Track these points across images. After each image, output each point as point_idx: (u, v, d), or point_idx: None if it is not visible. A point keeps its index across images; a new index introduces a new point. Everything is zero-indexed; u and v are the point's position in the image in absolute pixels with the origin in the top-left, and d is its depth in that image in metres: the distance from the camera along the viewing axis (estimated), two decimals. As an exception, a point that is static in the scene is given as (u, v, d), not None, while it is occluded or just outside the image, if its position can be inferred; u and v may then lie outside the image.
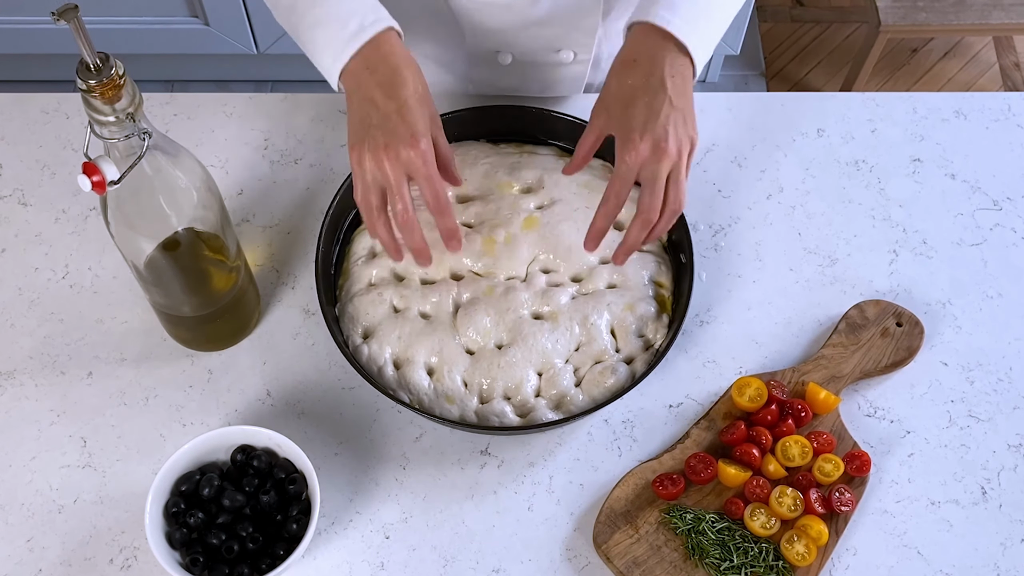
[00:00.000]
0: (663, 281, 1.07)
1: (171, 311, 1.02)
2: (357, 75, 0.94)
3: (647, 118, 0.93)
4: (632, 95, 0.94)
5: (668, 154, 0.92)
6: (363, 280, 1.07)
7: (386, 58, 0.94)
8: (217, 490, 0.95)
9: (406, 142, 0.90)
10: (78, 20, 0.77)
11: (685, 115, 0.94)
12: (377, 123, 0.91)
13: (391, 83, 0.92)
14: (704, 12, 0.95)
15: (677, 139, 0.93)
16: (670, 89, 0.93)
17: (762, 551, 0.96)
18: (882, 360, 1.06)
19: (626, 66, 0.95)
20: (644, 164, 0.93)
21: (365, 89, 0.93)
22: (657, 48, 0.94)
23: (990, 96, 1.26)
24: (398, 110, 0.91)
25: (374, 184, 0.92)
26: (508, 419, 1.00)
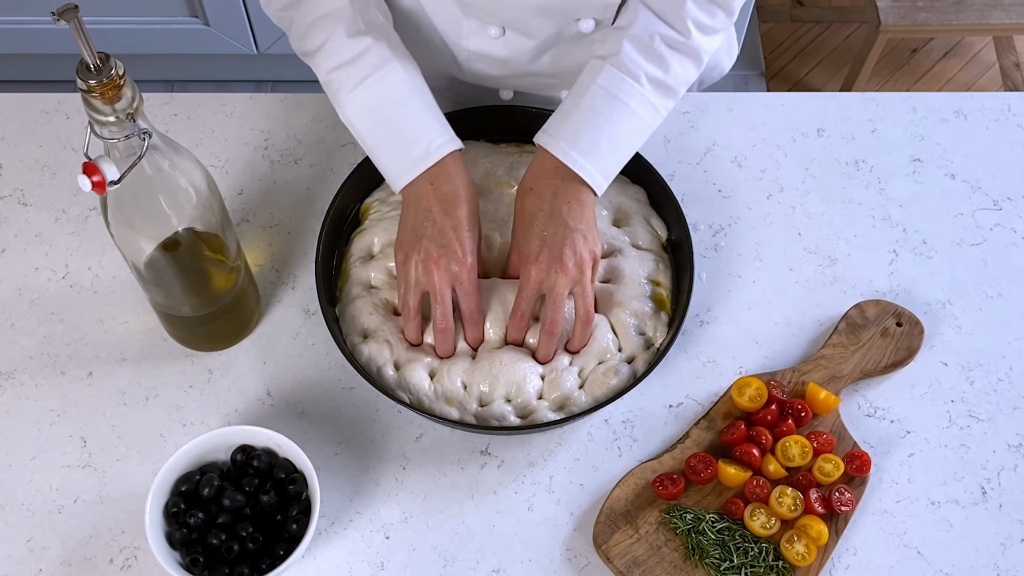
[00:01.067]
0: (661, 280, 1.07)
1: (171, 311, 1.02)
2: (419, 189, 1.00)
3: (543, 240, 0.99)
4: (531, 221, 1.00)
5: (567, 271, 0.98)
6: (362, 280, 1.07)
7: (450, 177, 1.00)
8: (217, 490, 0.95)
9: (457, 259, 0.98)
10: (78, 20, 0.77)
11: (584, 234, 1.00)
12: (431, 235, 0.98)
13: (450, 201, 0.99)
14: (606, 144, 1.00)
15: (576, 256, 0.98)
16: (565, 215, 0.99)
17: (762, 551, 0.96)
18: (882, 360, 1.06)
19: (524, 194, 1.02)
20: (543, 281, 0.99)
21: (425, 201, 0.99)
22: (552, 176, 1.00)
23: (990, 96, 1.26)
24: (454, 228, 0.98)
25: (417, 287, 0.99)
26: (509, 422, 1.00)
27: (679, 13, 0.98)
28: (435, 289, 0.98)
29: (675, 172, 1.19)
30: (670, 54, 1.00)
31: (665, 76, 1.00)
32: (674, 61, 1.00)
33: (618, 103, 0.99)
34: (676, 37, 1.00)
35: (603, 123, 0.99)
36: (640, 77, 0.99)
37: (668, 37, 1.00)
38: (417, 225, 0.99)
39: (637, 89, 0.99)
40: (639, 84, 0.99)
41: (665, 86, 1.01)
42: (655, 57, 1.00)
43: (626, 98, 0.99)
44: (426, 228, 0.99)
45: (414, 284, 0.99)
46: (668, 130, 1.22)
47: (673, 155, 1.20)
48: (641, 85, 0.99)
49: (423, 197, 0.99)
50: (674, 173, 1.19)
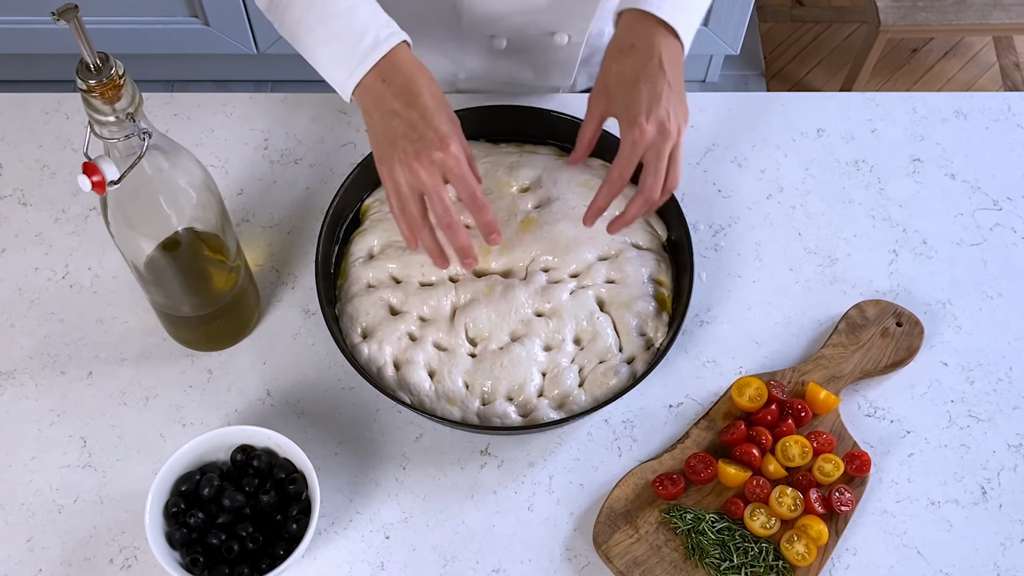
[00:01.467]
0: (663, 279, 1.07)
1: (171, 311, 1.02)
2: (373, 89, 0.95)
3: (650, 101, 0.96)
4: (634, 80, 0.97)
5: (671, 134, 0.96)
6: (361, 281, 1.07)
7: (399, 68, 0.94)
8: (217, 490, 0.95)
9: (436, 146, 0.91)
10: (78, 20, 0.77)
11: (681, 96, 0.98)
12: (402, 133, 0.92)
13: (409, 92, 0.93)
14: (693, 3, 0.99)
15: (677, 119, 0.97)
16: (668, 73, 0.97)
17: (762, 551, 0.96)
18: (882, 360, 1.06)
19: (624, 52, 0.98)
20: (650, 145, 0.96)
21: (384, 102, 0.94)
22: (651, 34, 0.98)
23: (990, 96, 1.26)
24: (422, 116, 0.92)
25: (412, 193, 0.93)
26: (511, 420, 1.00)
27: None
28: (426, 186, 0.92)
29: None
30: None
31: None
32: None
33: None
34: None
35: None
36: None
37: None
38: (386, 130, 0.93)
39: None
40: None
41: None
42: None
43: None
44: (396, 128, 0.93)
45: (408, 191, 0.93)
46: (668, 130, 1.22)
47: (673, 155, 1.20)
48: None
49: (381, 99, 0.94)
50: None
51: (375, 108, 0.95)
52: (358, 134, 1.22)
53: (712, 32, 2.31)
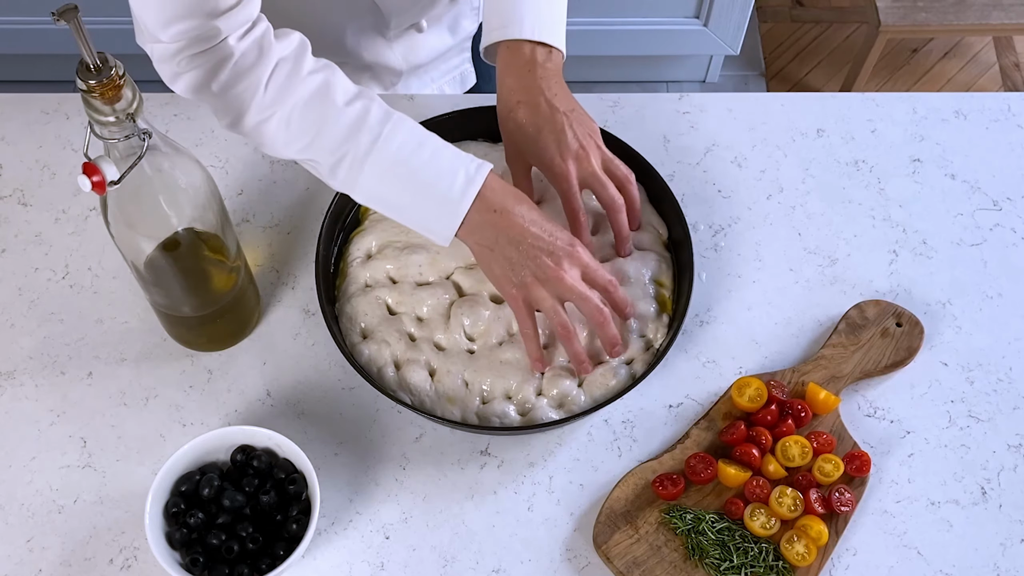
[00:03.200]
0: (664, 280, 1.07)
1: (171, 311, 1.02)
2: (484, 221, 0.94)
3: (557, 142, 1.01)
4: (534, 131, 1.02)
5: (590, 153, 1.02)
6: (359, 281, 1.07)
7: (502, 193, 0.94)
8: (217, 490, 0.95)
9: (568, 252, 0.94)
10: (78, 20, 0.77)
11: (578, 113, 1.03)
12: (534, 251, 0.93)
13: (522, 211, 0.94)
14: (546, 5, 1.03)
15: (587, 138, 1.01)
16: (558, 104, 1.01)
17: (762, 551, 0.96)
18: (882, 360, 1.06)
19: (512, 108, 1.03)
20: (579, 175, 1.01)
21: (505, 229, 0.93)
22: (525, 72, 1.02)
23: (990, 96, 1.26)
24: (542, 229, 0.94)
25: (557, 303, 0.95)
26: (510, 419, 1.00)
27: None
28: (574, 290, 0.94)
29: (675, 172, 1.19)
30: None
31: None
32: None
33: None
34: None
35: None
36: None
37: None
38: (514, 254, 0.94)
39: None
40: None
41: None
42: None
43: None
44: (526, 250, 0.93)
45: (552, 304, 0.95)
46: (668, 130, 1.22)
47: (673, 155, 1.20)
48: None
49: (498, 226, 0.93)
50: (674, 173, 1.19)
51: (495, 238, 0.94)
52: (358, 134, 1.22)
53: (712, 32, 2.31)
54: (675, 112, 1.23)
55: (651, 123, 1.22)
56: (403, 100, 1.24)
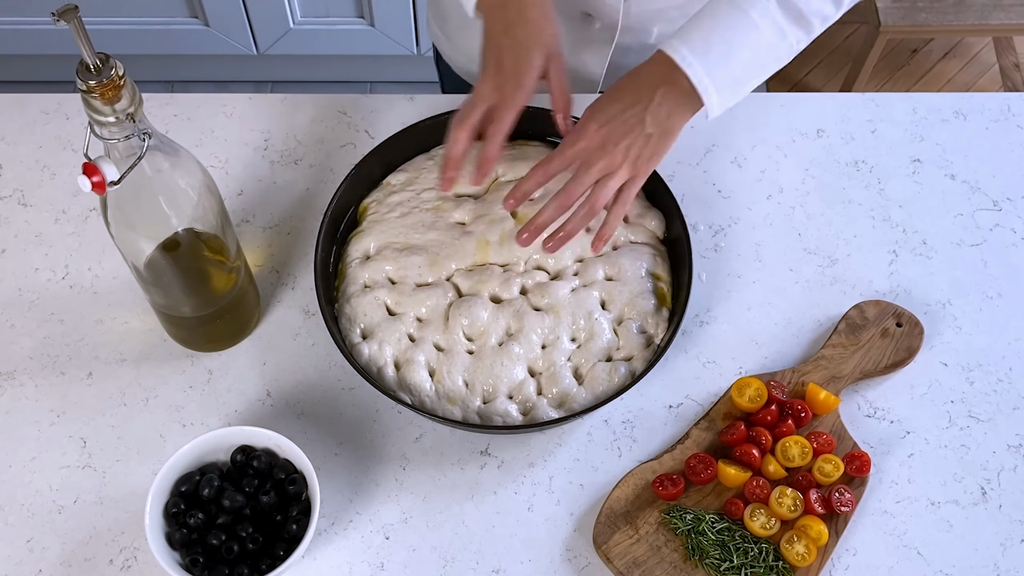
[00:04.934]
0: (661, 273, 1.07)
1: (171, 311, 1.02)
2: (488, 6, 1.00)
3: (614, 117, 0.96)
4: (617, 95, 0.98)
5: (612, 158, 0.96)
6: (358, 281, 1.07)
7: None
8: (217, 490, 0.95)
9: (511, 82, 0.98)
10: (78, 20, 0.77)
11: (653, 142, 0.97)
12: (496, 59, 0.99)
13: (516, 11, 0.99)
14: (719, 47, 0.97)
15: (629, 153, 0.96)
16: (650, 110, 0.97)
17: (762, 551, 0.96)
18: (882, 360, 1.06)
19: (626, 80, 0.99)
20: (586, 151, 0.96)
21: (492, 20, 1.00)
22: (659, 74, 0.98)
23: (990, 96, 1.26)
24: (511, 47, 0.98)
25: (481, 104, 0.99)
26: (512, 418, 1.00)
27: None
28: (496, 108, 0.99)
29: (675, 172, 1.19)
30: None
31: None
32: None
33: (739, 11, 0.97)
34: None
35: (720, 27, 0.97)
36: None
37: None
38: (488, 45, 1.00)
39: (763, 1, 0.97)
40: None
41: (796, 10, 0.98)
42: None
43: (749, 8, 0.97)
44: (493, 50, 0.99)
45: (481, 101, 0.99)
46: (668, 130, 1.22)
47: (673, 155, 1.20)
48: None
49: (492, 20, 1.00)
50: (674, 173, 1.19)
51: (487, 15, 1.00)
52: (358, 135, 1.22)
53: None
54: (675, 112, 1.23)
55: (651, 123, 1.22)
56: (403, 100, 1.24)
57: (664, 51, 0.98)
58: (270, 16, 2.23)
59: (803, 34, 0.99)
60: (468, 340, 1.03)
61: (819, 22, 1.00)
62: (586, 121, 0.97)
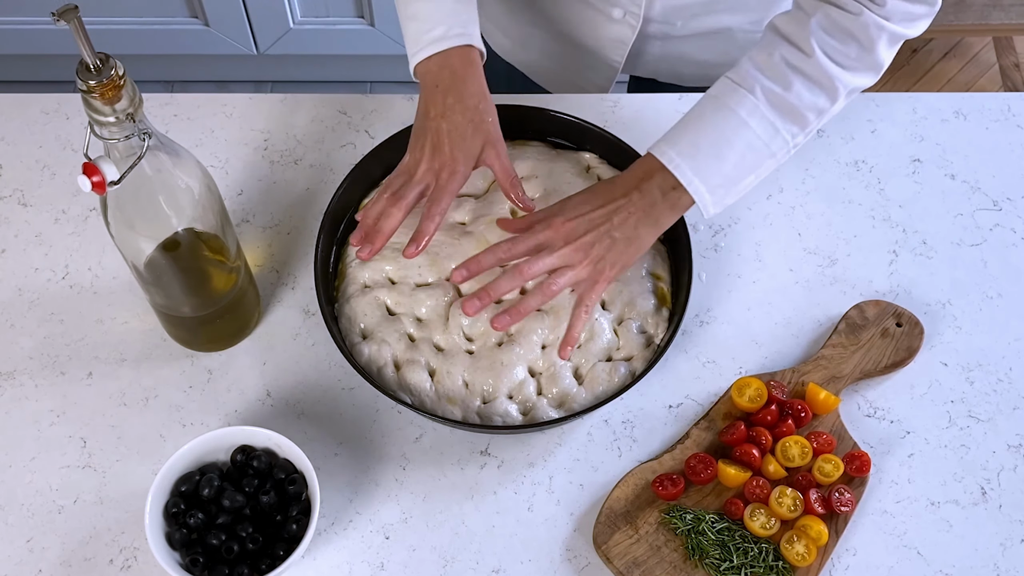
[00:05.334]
0: (661, 273, 1.07)
1: (171, 311, 1.02)
2: (427, 75, 1.02)
3: (581, 215, 0.97)
4: (594, 194, 0.98)
5: (573, 250, 0.96)
6: (358, 281, 1.07)
7: (455, 72, 1.01)
8: (217, 490, 0.95)
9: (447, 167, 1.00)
10: (78, 20, 0.77)
11: (619, 250, 0.97)
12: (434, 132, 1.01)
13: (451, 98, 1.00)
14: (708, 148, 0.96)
15: (590, 251, 0.96)
16: (622, 217, 0.96)
17: (762, 551, 0.96)
18: (882, 360, 1.06)
19: (610, 180, 1.00)
20: (547, 240, 0.96)
21: (431, 96, 1.02)
22: (641, 176, 0.98)
23: (990, 96, 1.26)
24: (448, 132, 1.00)
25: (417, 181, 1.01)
26: (512, 418, 1.00)
27: (803, 32, 0.96)
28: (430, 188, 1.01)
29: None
30: (792, 73, 0.96)
31: (785, 94, 0.96)
32: (797, 81, 0.96)
33: (727, 110, 0.96)
34: (797, 55, 0.96)
35: (708, 127, 0.96)
36: (755, 88, 0.96)
37: (789, 55, 0.96)
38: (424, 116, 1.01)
39: (751, 99, 0.96)
40: (752, 95, 0.95)
41: (787, 105, 0.96)
42: (775, 73, 0.96)
43: (736, 106, 0.96)
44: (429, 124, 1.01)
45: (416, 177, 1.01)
46: (668, 130, 1.22)
47: (673, 155, 1.20)
48: (756, 96, 0.95)
49: (430, 90, 1.01)
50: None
51: (425, 95, 1.02)
52: (358, 135, 1.22)
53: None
54: (675, 112, 1.23)
55: (651, 123, 1.22)
56: (403, 100, 1.24)
57: (651, 153, 0.97)
58: (270, 16, 2.23)
59: (797, 129, 0.98)
60: (468, 340, 1.03)
61: (814, 116, 0.98)
62: (554, 213, 0.98)
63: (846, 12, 0.95)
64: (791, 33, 0.97)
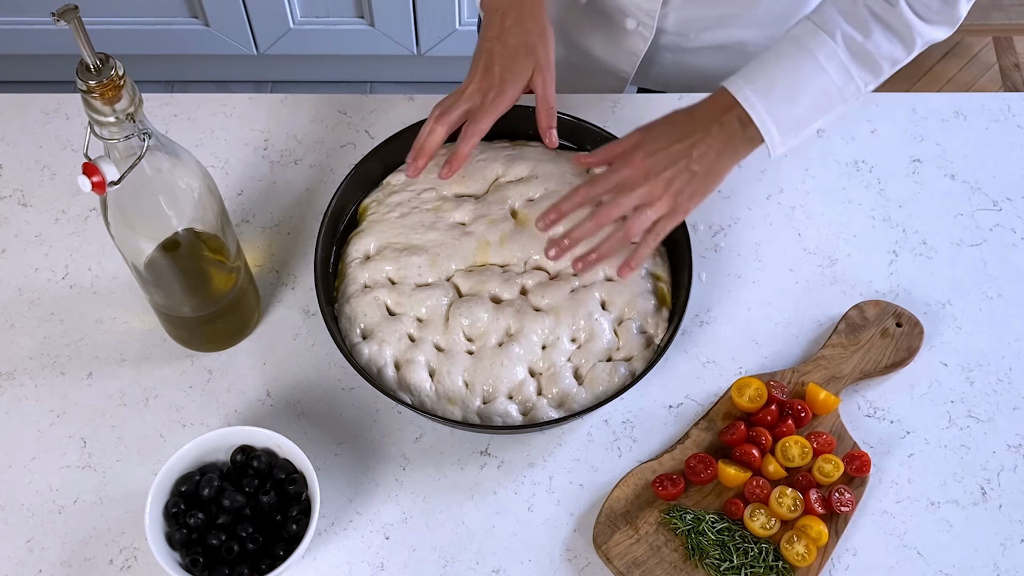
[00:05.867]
0: (661, 274, 1.07)
1: (171, 311, 1.02)
2: (490, 7, 1.03)
3: (660, 150, 0.96)
4: (666, 129, 0.97)
5: (652, 186, 0.96)
6: (358, 281, 1.07)
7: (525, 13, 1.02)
8: (217, 490, 0.95)
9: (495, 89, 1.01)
10: (78, 20, 0.77)
11: (696, 181, 0.97)
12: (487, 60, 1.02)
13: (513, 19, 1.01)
14: (783, 89, 0.96)
15: (670, 186, 0.96)
16: (699, 149, 0.96)
17: (762, 551, 0.96)
18: (882, 360, 1.06)
19: (684, 112, 0.99)
20: (627, 178, 0.96)
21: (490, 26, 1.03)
22: (715, 112, 0.97)
23: (990, 96, 1.26)
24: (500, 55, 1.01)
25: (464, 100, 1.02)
26: (512, 418, 1.00)
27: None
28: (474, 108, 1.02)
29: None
30: (874, 21, 0.97)
31: (865, 42, 0.96)
32: (877, 30, 0.97)
33: (805, 53, 0.97)
34: (881, 3, 0.96)
35: (786, 68, 0.97)
36: (835, 33, 0.96)
37: (873, 3, 0.97)
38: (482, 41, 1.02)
39: (830, 44, 0.96)
40: (832, 39, 0.96)
41: (864, 53, 0.97)
42: (857, 20, 0.97)
43: (816, 49, 0.96)
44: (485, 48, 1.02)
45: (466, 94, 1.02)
46: (668, 130, 1.22)
47: (673, 155, 1.20)
48: (835, 41, 0.96)
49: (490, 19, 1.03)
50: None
51: (487, 17, 1.04)
52: (358, 134, 1.22)
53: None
54: (675, 112, 1.23)
55: (651, 123, 1.22)
56: (403, 100, 1.24)
57: (727, 88, 0.97)
58: (270, 16, 2.23)
59: (871, 77, 0.99)
60: (468, 340, 1.03)
61: (888, 66, 0.99)
62: (634, 149, 0.97)
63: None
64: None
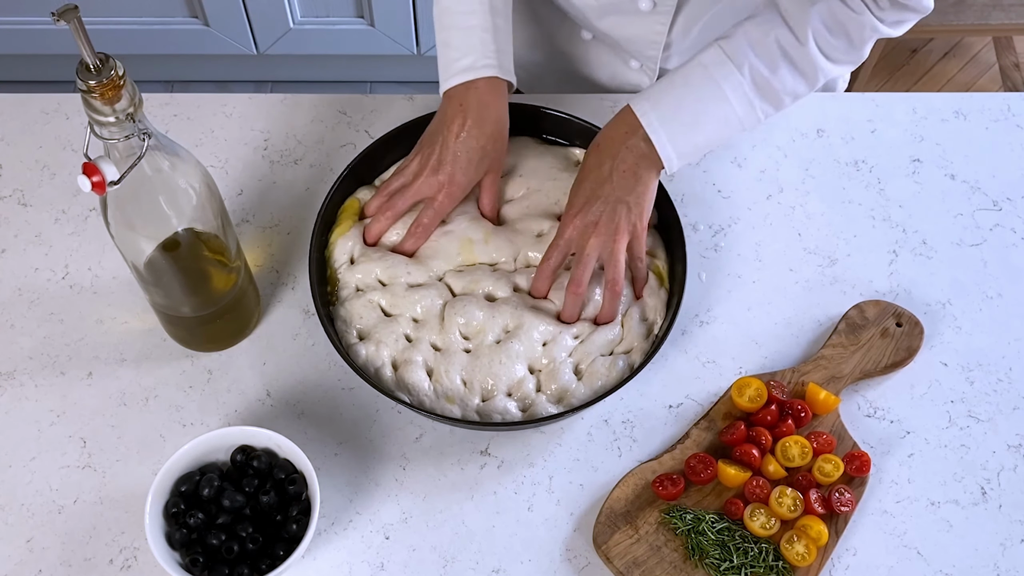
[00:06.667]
0: (655, 251, 1.08)
1: (171, 311, 1.02)
2: (453, 100, 1.05)
3: (587, 200, 1.00)
4: (584, 177, 1.02)
5: (598, 234, 1.00)
6: (350, 285, 1.06)
7: (480, 97, 1.04)
8: (217, 490, 0.95)
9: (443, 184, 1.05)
10: (78, 20, 0.77)
11: (630, 205, 1.00)
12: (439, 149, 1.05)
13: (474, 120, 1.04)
14: (688, 118, 1.00)
15: (613, 223, 0.99)
16: (616, 181, 1.00)
17: (762, 551, 0.96)
18: (882, 360, 1.06)
19: (591, 149, 1.03)
20: (574, 239, 1.00)
21: (448, 117, 1.04)
22: (622, 139, 1.01)
23: (990, 96, 1.26)
24: (453, 154, 1.04)
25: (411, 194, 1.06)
26: (511, 415, 1.00)
27: (803, 18, 0.98)
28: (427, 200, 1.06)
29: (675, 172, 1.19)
30: (782, 58, 0.99)
31: (771, 77, 1.00)
32: (784, 66, 1.00)
33: (712, 83, 0.99)
34: (791, 40, 0.99)
35: (692, 98, 0.99)
36: (743, 65, 0.99)
37: (784, 38, 0.99)
38: (434, 132, 1.05)
39: (736, 76, 0.99)
40: (740, 72, 0.99)
41: (769, 87, 1.00)
42: (766, 54, 0.99)
43: (722, 80, 0.99)
44: (436, 139, 1.04)
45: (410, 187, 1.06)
46: (668, 130, 1.22)
47: (673, 155, 1.20)
48: (742, 74, 0.99)
49: (451, 112, 1.04)
50: (674, 173, 1.19)
51: (449, 109, 1.05)
52: (358, 134, 1.22)
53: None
54: (675, 112, 1.23)
55: (651, 123, 1.22)
56: (403, 100, 1.24)
57: (632, 110, 1.00)
58: (270, 16, 2.23)
59: (772, 109, 1.02)
60: (465, 339, 1.03)
61: (790, 100, 1.03)
62: (567, 215, 1.02)
63: (848, 9, 0.98)
64: (791, 16, 0.99)
